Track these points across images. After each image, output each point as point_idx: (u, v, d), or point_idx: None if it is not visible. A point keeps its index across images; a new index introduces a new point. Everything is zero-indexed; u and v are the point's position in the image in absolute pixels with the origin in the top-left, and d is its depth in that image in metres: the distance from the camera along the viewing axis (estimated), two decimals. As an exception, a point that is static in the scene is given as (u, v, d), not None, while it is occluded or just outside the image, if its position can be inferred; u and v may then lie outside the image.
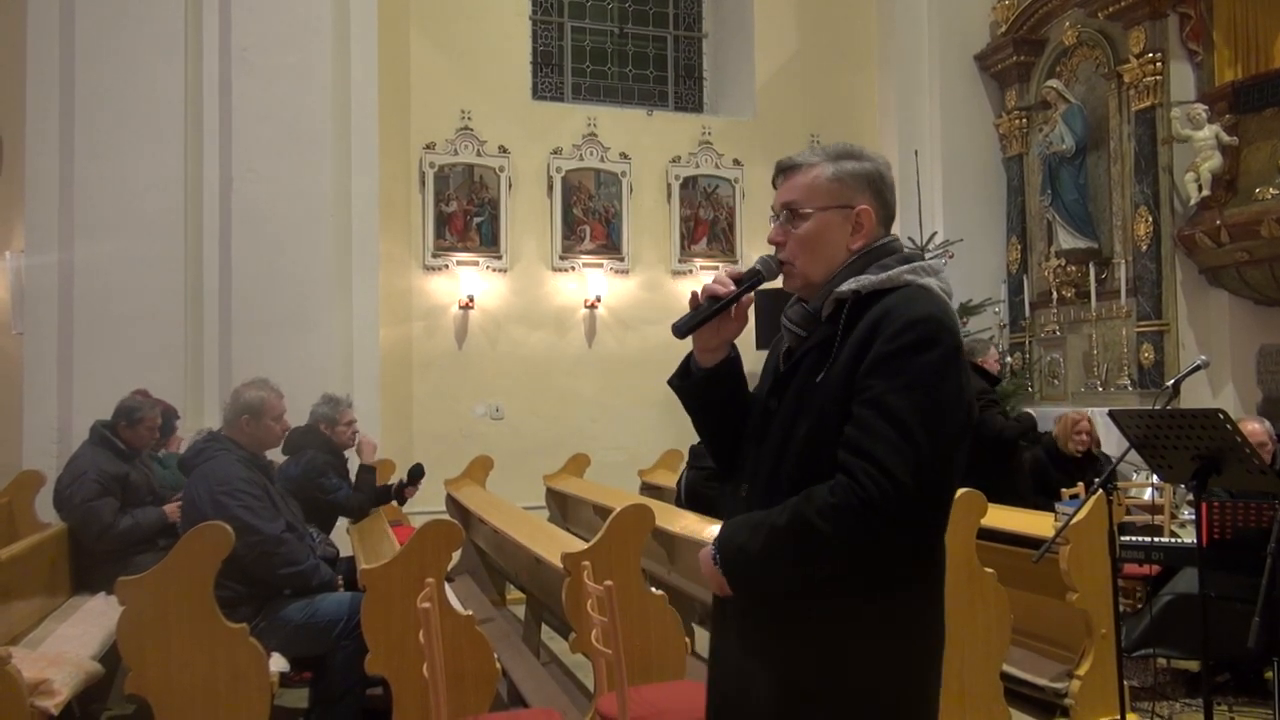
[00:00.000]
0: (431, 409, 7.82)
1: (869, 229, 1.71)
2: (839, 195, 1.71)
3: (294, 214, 6.33)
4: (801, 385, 1.67)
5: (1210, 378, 6.73)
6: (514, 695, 4.30)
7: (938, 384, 1.54)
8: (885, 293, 1.63)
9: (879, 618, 1.59)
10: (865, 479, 1.50)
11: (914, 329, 1.55)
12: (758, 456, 1.72)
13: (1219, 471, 3.17)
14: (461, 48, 8.07)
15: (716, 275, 1.74)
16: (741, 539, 1.62)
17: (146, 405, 5.04)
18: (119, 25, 6.07)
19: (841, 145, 1.77)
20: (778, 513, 1.58)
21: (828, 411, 1.60)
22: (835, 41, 9.01)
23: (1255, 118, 6.75)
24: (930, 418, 1.52)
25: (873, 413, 1.53)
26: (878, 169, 1.75)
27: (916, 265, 1.68)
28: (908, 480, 1.49)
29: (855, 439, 1.54)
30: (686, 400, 1.85)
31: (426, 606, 2.67)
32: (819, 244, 1.71)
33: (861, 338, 1.59)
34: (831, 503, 1.52)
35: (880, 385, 1.54)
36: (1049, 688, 4.18)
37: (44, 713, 3.27)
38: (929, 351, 1.54)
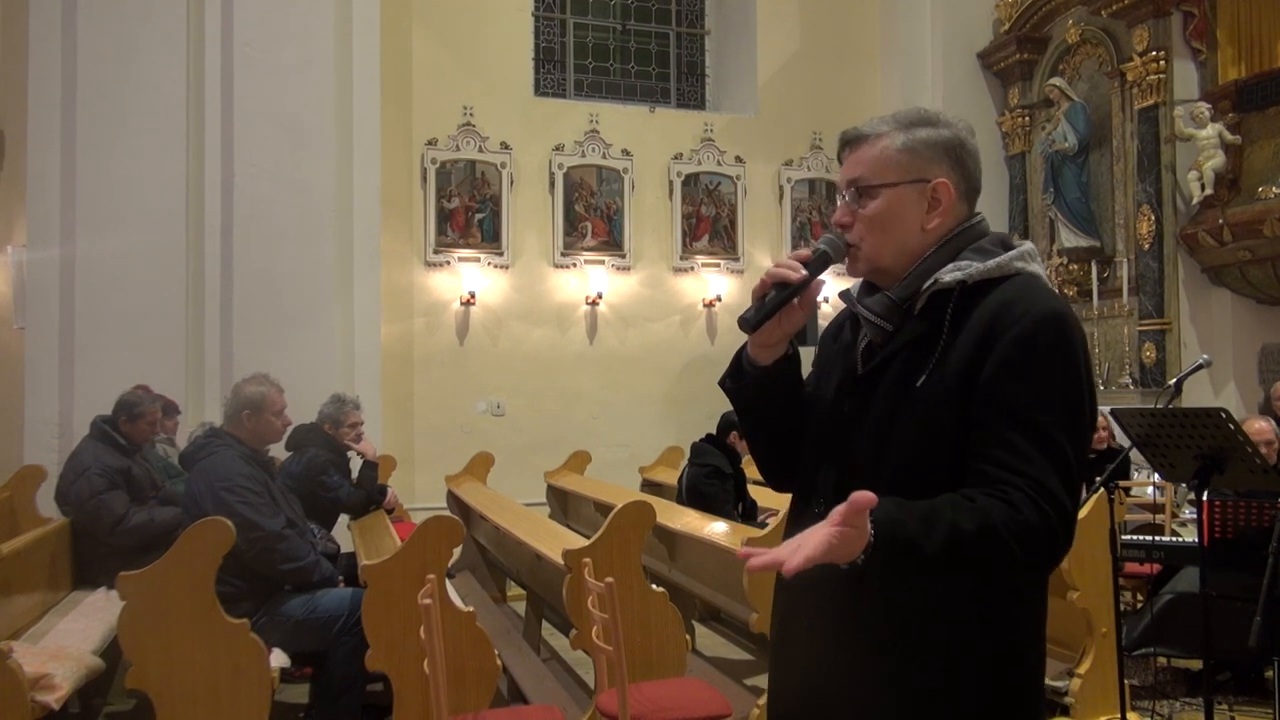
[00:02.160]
0: (433, 405, 7.82)
1: (948, 205, 1.52)
2: (912, 168, 1.50)
3: (295, 209, 6.33)
4: (895, 389, 1.47)
5: (1212, 377, 6.73)
6: (514, 692, 4.31)
7: (1080, 393, 1.40)
8: (994, 282, 1.45)
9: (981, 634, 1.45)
10: (1045, 504, 1.35)
11: (1047, 329, 1.39)
12: (838, 469, 1.52)
13: (1221, 470, 3.17)
14: (463, 43, 8.06)
15: (778, 261, 1.54)
16: (911, 530, 1.32)
17: (147, 400, 5.04)
18: (121, 21, 6.06)
19: (915, 111, 1.56)
20: (953, 512, 1.34)
21: (937, 418, 1.42)
22: (838, 38, 9.00)
23: (1258, 116, 6.73)
24: (1074, 431, 1.39)
25: (1020, 430, 1.37)
26: (958, 136, 1.53)
27: (1023, 251, 1.50)
28: (1069, 504, 1.37)
29: (1008, 459, 1.37)
30: (741, 403, 1.64)
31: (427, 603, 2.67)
32: (890, 224, 1.50)
33: (978, 336, 1.41)
34: (1022, 520, 1.34)
35: (1021, 396, 1.37)
36: (1049, 686, 4.17)
37: (45, 707, 3.27)
38: (1066, 355, 1.39)
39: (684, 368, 8.21)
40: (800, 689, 1.59)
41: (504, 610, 5.86)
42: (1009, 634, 1.47)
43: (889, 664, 1.46)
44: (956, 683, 1.45)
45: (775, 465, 1.70)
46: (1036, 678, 1.54)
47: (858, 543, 1.30)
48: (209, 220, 6.19)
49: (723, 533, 4.29)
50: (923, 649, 1.45)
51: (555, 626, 5.34)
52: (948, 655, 1.45)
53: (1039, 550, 1.37)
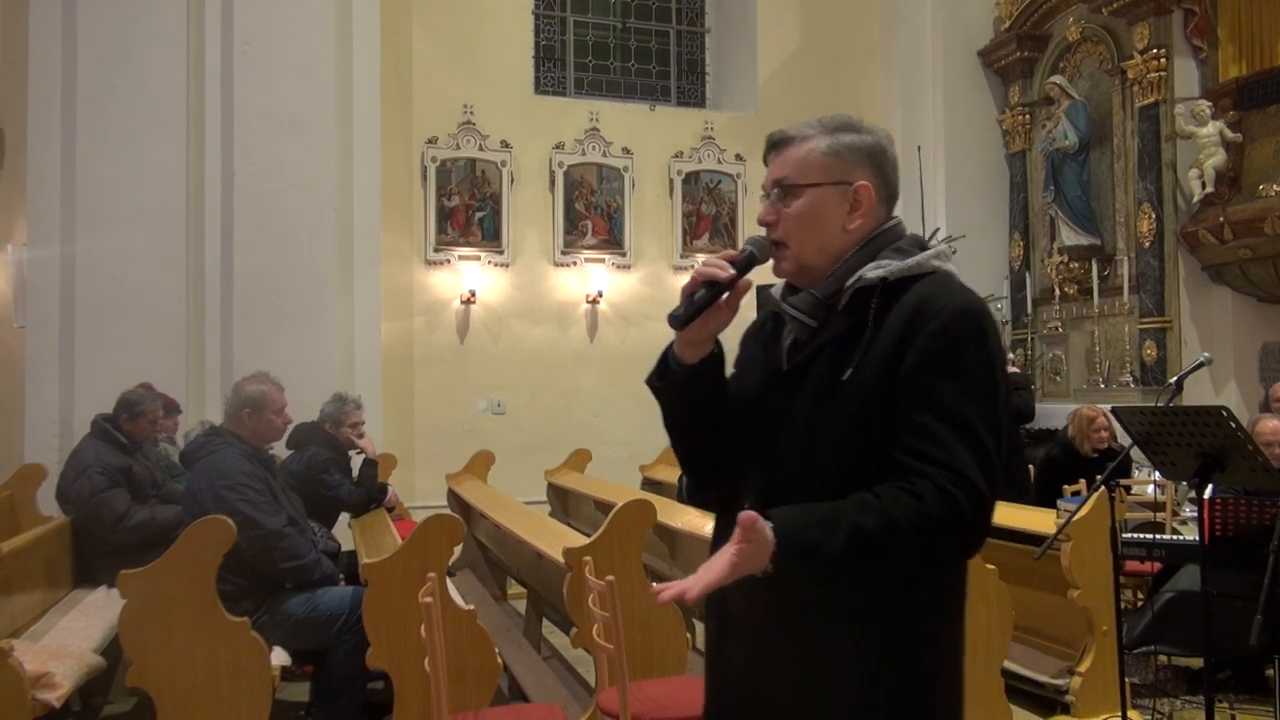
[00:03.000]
0: (433, 404, 7.82)
1: (868, 207, 1.57)
2: (835, 170, 1.56)
3: (296, 208, 6.33)
4: (821, 383, 1.51)
5: (1213, 375, 6.72)
6: (515, 690, 4.31)
7: (993, 381, 1.45)
8: (912, 279, 1.51)
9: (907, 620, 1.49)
10: (956, 491, 1.38)
11: (963, 322, 1.45)
12: (769, 466, 1.55)
13: (1222, 469, 3.17)
14: (464, 42, 8.06)
15: (706, 260, 1.58)
16: (813, 535, 1.38)
17: (148, 398, 5.04)
18: (121, 19, 6.06)
19: (839, 117, 1.61)
20: (857, 511, 1.39)
21: (864, 411, 1.46)
22: (838, 37, 8.99)
23: (1259, 114, 6.73)
24: (992, 421, 1.43)
25: (938, 418, 1.41)
26: (879, 142, 1.60)
27: (937, 250, 1.57)
28: (987, 493, 1.40)
29: (924, 448, 1.41)
30: (667, 401, 1.66)
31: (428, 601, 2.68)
32: (814, 223, 1.56)
33: (900, 330, 1.46)
34: (926, 512, 1.38)
35: (939, 386, 1.42)
36: (1050, 684, 4.18)
37: (46, 705, 3.28)
38: (981, 346, 1.45)
39: (684, 366, 8.17)
40: (733, 684, 1.63)
41: (504, 608, 5.86)
42: (930, 621, 1.51)
43: (811, 655, 1.50)
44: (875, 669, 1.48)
45: (700, 465, 1.71)
46: (956, 663, 1.57)
47: (761, 555, 1.36)
48: (209, 219, 6.19)
49: (723, 531, 4.28)
50: (843, 639, 1.48)
51: (556, 625, 5.34)
52: (868, 644, 1.48)
53: (947, 539, 1.42)
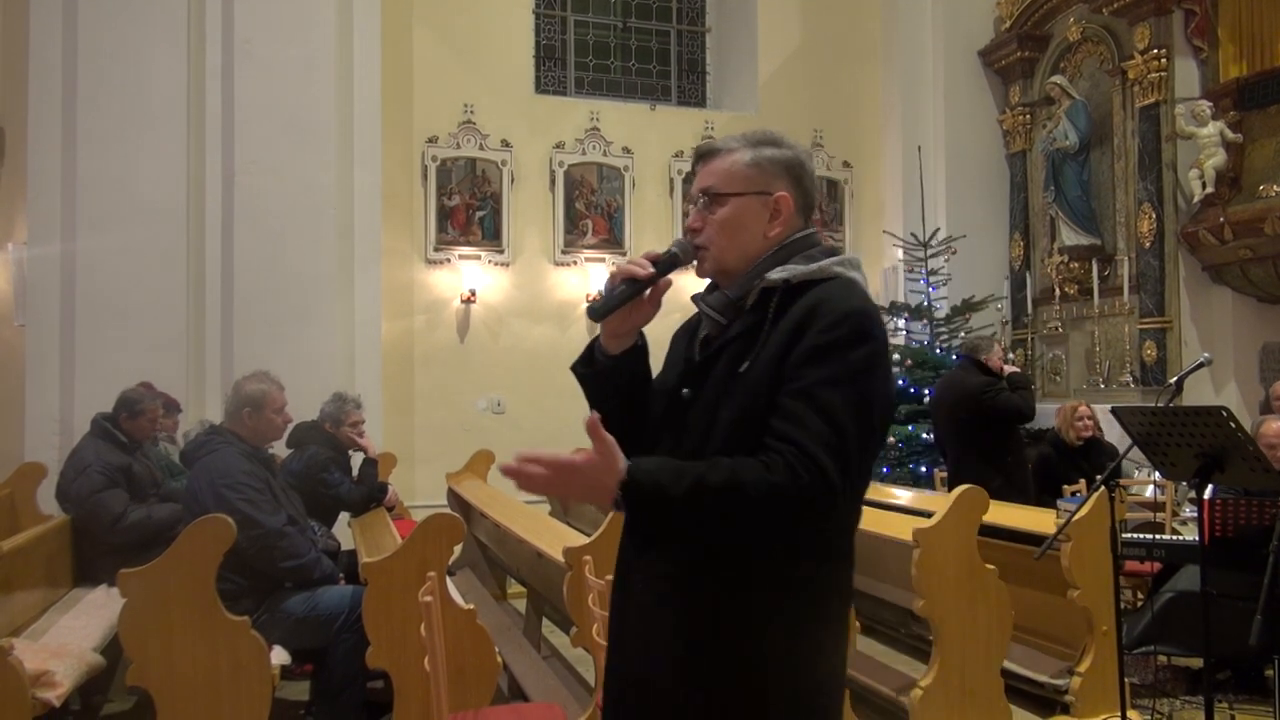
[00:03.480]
0: (433, 403, 7.82)
1: (786, 217, 1.69)
2: (757, 181, 1.69)
3: (296, 207, 6.33)
4: (724, 374, 1.63)
5: (1213, 375, 6.73)
6: (515, 689, 4.30)
7: (868, 379, 1.54)
8: (814, 283, 1.62)
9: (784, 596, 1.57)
10: (799, 466, 1.48)
11: (848, 322, 1.54)
12: (674, 448, 1.66)
13: (1222, 469, 3.17)
14: (464, 41, 8.06)
15: (632, 258, 1.72)
16: (662, 478, 1.52)
17: (148, 397, 5.04)
18: (121, 17, 6.06)
19: (761, 132, 1.74)
20: (707, 468, 1.52)
21: (754, 400, 1.57)
22: (839, 36, 8.99)
23: (1260, 115, 6.73)
24: (859, 413, 1.52)
25: (805, 404, 1.52)
26: (797, 156, 1.72)
27: (844, 259, 1.67)
28: (836, 476, 1.48)
29: (785, 429, 1.52)
30: (590, 388, 1.82)
31: (428, 600, 2.67)
32: (736, 229, 1.68)
33: (792, 327, 1.57)
34: (771, 481, 1.48)
35: (813, 376, 1.53)
36: (1050, 684, 4.18)
37: (45, 704, 3.28)
38: (862, 346, 1.54)
39: (684, 365, 8.18)
40: (616, 673, 1.73)
41: (504, 608, 5.86)
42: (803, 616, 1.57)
43: (678, 649, 1.59)
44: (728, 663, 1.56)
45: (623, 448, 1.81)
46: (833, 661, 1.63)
47: (608, 478, 1.53)
48: (210, 217, 6.18)
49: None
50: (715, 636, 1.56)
51: (556, 624, 5.34)
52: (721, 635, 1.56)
53: (784, 510, 1.50)
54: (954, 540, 3.85)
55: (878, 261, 8.80)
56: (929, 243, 7.76)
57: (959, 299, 7.81)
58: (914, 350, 7.52)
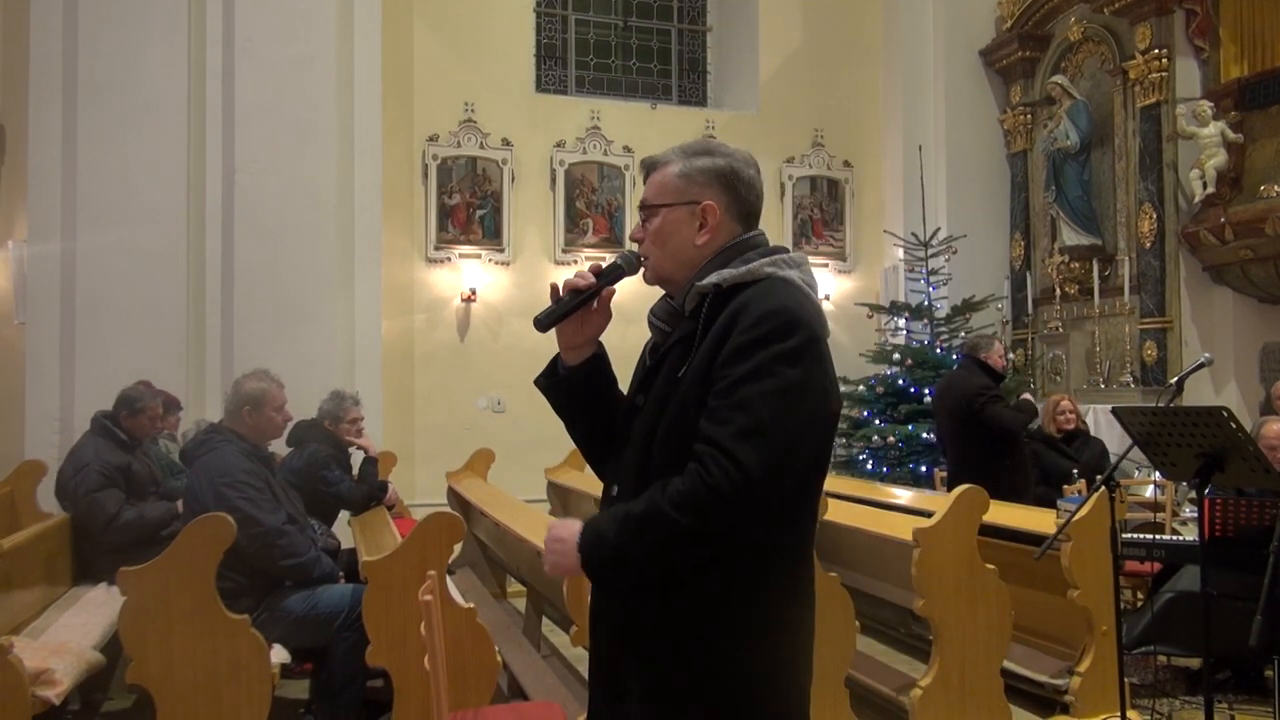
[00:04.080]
0: (433, 402, 7.82)
1: (714, 224, 1.71)
2: (685, 192, 1.72)
3: (296, 205, 6.32)
4: (665, 380, 1.66)
5: (1213, 376, 6.73)
6: (514, 688, 4.30)
7: (787, 370, 1.54)
8: (745, 286, 1.63)
9: (739, 614, 1.57)
10: (713, 466, 1.49)
11: (768, 320, 1.56)
12: (625, 454, 1.71)
13: (1222, 469, 3.16)
14: (465, 40, 8.05)
15: (579, 270, 1.78)
16: (601, 527, 1.60)
17: (148, 395, 5.03)
18: (122, 15, 6.06)
19: (699, 142, 1.79)
20: (636, 503, 1.57)
21: (688, 405, 1.59)
22: (840, 36, 8.98)
23: (1261, 115, 6.73)
24: (779, 404, 1.52)
25: (724, 401, 1.53)
26: (730, 165, 1.74)
27: (778, 258, 1.68)
28: (754, 466, 1.48)
29: (707, 429, 1.53)
30: (554, 401, 1.86)
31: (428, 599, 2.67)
32: (667, 239, 1.73)
33: (720, 330, 1.59)
34: (680, 490, 1.51)
35: (733, 374, 1.54)
36: (1049, 684, 4.18)
37: (45, 702, 3.28)
38: (783, 341, 1.54)
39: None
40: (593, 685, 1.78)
41: (504, 606, 5.86)
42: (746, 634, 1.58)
43: (633, 663, 1.63)
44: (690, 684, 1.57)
45: (591, 455, 1.88)
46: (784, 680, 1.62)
47: (569, 555, 1.60)
48: (210, 215, 6.18)
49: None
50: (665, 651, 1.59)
51: (555, 623, 5.34)
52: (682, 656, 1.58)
53: (702, 513, 1.50)
54: (954, 540, 3.85)
55: (878, 261, 8.80)
56: (929, 242, 7.76)
57: (959, 299, 7.80)
58: (914, 350, 7.53)
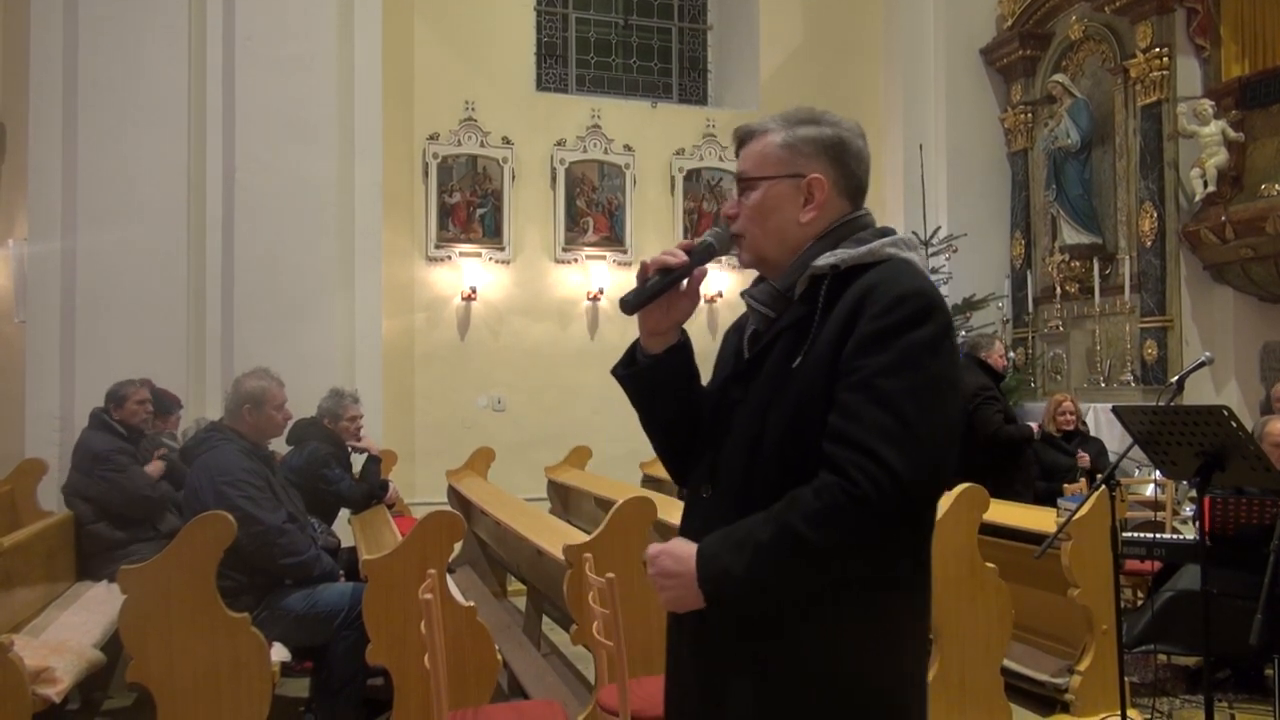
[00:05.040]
0: (433, 400, 7.82)
1: (822, 200, 1.56)
2: (789, 163, 1.56)
3: (297, 204, 6.32)
4: (774, 371, 1.51)
5: (1214, 375, 6.72)
6: (515, 686, 4.31)
7: (931, 361, 1.41)
8: (865, 268, 1.49)
9: (859, 627, 1.45)
10: (856, 472, 1.35)
11: (904, 304, 1.42)
12: (721, 454, 1.56)
13: (1223, 468, 3.17)
14: (465, 38, 8.05)
15: (667, 248, 1.62)
16: (725, 560, 1.42)
17: (127, 384, 5.04)
18: (122, 14, 6.06)
19: (803, 110, 1.61)
20: (761, 526, 1.40)
21: (809, 399, 1.45)
22: (840, 35, 8.98)
23: (1262, 113, 6.72)
24: (925, 398, 1.38)
25: (861, 396, 1.38)
26: (839, 135, 1.58)
27: (897, 239, 1.54)
28: (902, 468, 1.34)
29: (842, 427, 1.39)
30: (633, 391, 1.68)
31: (428, 597, 2.67)
32: (768, 216, 1.57)
33: (845, 316, 1.45)
34: (818, 507, 1.37)
35: (869, 366, 1.39)
36: (1050, 683, 4.18)
37: (45, 700, 3.28)
38: (921, 328, 1.41)
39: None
40: (673, 707, 1.63)
41: (504, 605, 5.86)
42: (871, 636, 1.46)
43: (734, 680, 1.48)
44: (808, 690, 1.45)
45: (670, 455, 1.73)
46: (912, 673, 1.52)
47: (689, 589, 1.44)
48: (210, 214, 6.18)
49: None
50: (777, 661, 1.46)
51: (556, 622, 5.34)
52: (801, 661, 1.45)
53: (847, 528, 1.37)
54: (954, 538, 3.86)
55: (879, 260, 8.79)
56: (930, 241, 7.75)
57: (960, 297, 7.80)
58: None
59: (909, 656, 1.51)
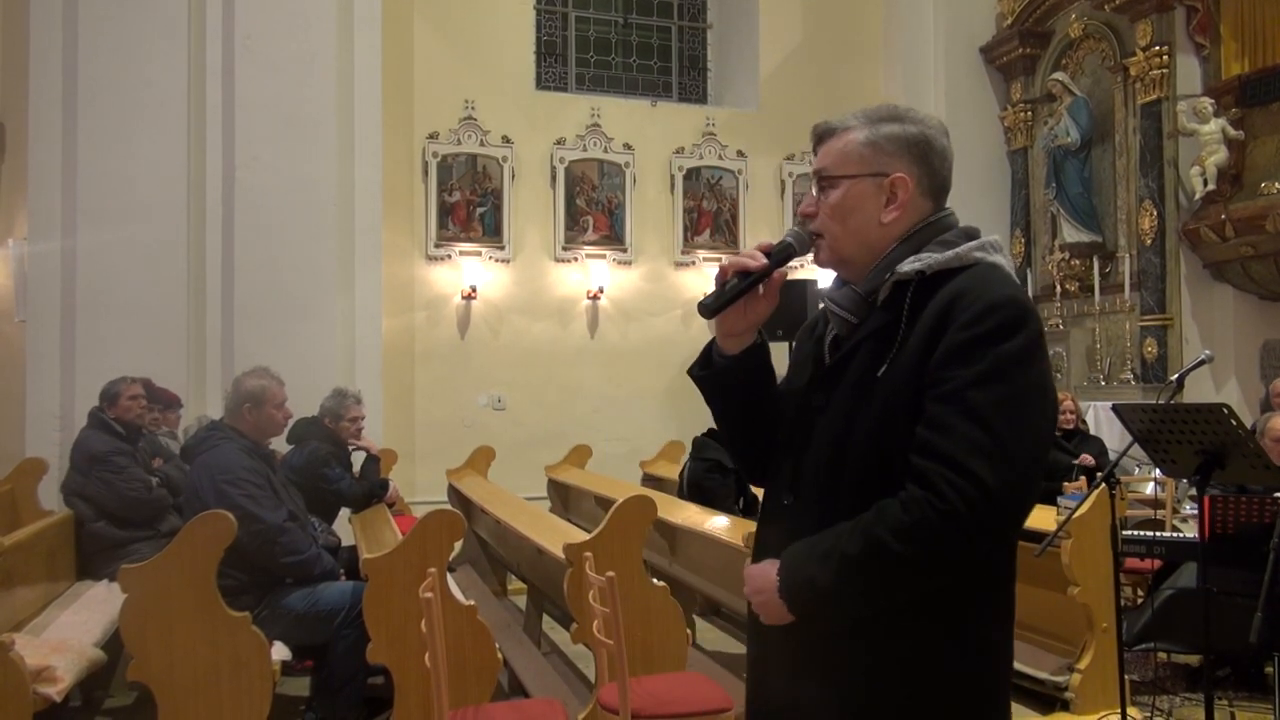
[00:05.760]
0: (433, 399, 7.83)
1: (905, 199, 1.52)
2: (872, 162, 1.52)
3: (297, 203, 6.33)
4: (858, 379, 1.48)
5: (1214, 373, 6.72)
6: (515, 685, 4.31)
7: (1022, 374, 1.37)
8: (952, 273, 1.45)
9: (946, 634, 1.43)
10: (945, 487, 1.32)
11: (995, 313, 1.38)
12: (803, 462, 1.53)
13: (1222, 466, 3.17)
14: (465, 37, 8.05)
15: (744, 250, 1.60)
16: (810, 571, 1.41)
17: (119, 380, 5.03)
18: (122, 13, 6.06)
19: (886, 107, 1.58)
20: (847, 537, 1.39)
21: (895, 408, 1.42)
22: (840, 33, 8.98)
23: (1261, 112, 6.72)
24: (1016, 412, 1.35)
25: (951, 409, 1.35)
26: (924, 133, 1.54)
27: (984, 242, 1.51)
28: (993, 484, 1.32)
29: (930, 440, 1.36)
30: (710, 393, 1.67)
31: (428, 596, 2.68)
32: (849, 215, 1.53)
33: (933, 323, 1.41)
34: (907, 522, 1.34)
35: (958, 377, 1.36)
36: (1050, 681, 4.18)
37: (46, 699, 3.28)
38: (1012, 338, 1.37)
39: (685, 362, 8.03)
40: (764, 707, 1.61)
41: (505, 604, 5.86)
42: (965, 637, 1.45)
43: (824, 688, 1.47)
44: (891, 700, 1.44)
45: (747, 457, 1.71)
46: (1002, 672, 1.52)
47: (776, 603, 1.45)
48: (210, 213, 6.18)
49: (723, 528, 4.29)
50: (869, 666, 1.45)
51: (556, 620, 5.35)
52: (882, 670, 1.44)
53: (935, 543, 1.35)
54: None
55: (878, 258, 8.79)
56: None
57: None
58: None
59: (993, 656, 1.49)
